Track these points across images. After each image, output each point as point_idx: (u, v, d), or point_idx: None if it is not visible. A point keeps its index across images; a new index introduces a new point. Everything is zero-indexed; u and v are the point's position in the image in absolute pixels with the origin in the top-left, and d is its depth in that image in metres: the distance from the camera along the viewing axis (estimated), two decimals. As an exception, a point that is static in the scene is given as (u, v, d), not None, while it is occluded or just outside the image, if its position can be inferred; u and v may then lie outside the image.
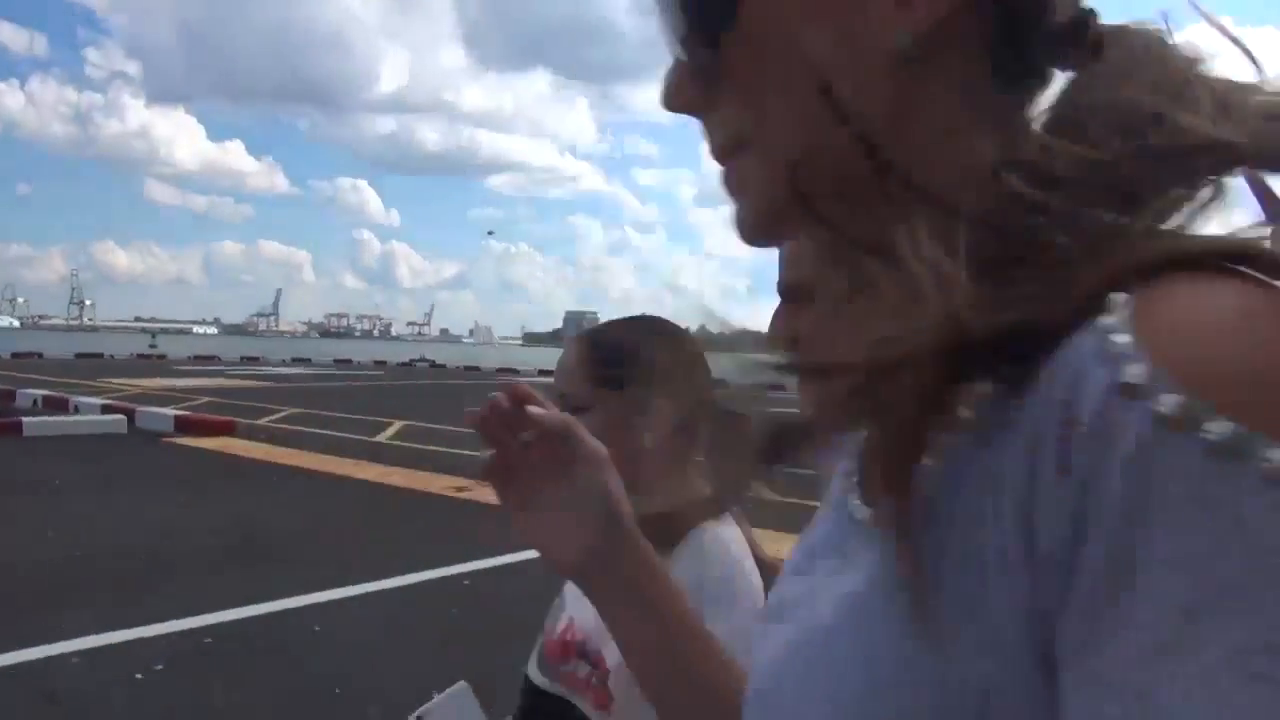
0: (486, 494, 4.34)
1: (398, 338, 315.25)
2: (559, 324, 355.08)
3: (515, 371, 40.71)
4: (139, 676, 3.86)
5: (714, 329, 0.57)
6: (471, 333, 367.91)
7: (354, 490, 8.61)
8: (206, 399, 18.01)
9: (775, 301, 1.13)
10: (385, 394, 23.18)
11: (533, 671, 1.20)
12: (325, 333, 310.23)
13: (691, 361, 1.18)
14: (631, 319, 1.31)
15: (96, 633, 4.30)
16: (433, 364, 46.39)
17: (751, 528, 1.25)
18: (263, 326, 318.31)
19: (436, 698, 1.21)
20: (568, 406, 1.10)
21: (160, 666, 3.97)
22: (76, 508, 7.32)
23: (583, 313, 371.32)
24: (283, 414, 15.89)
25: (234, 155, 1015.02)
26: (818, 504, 0.55)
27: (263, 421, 14.29)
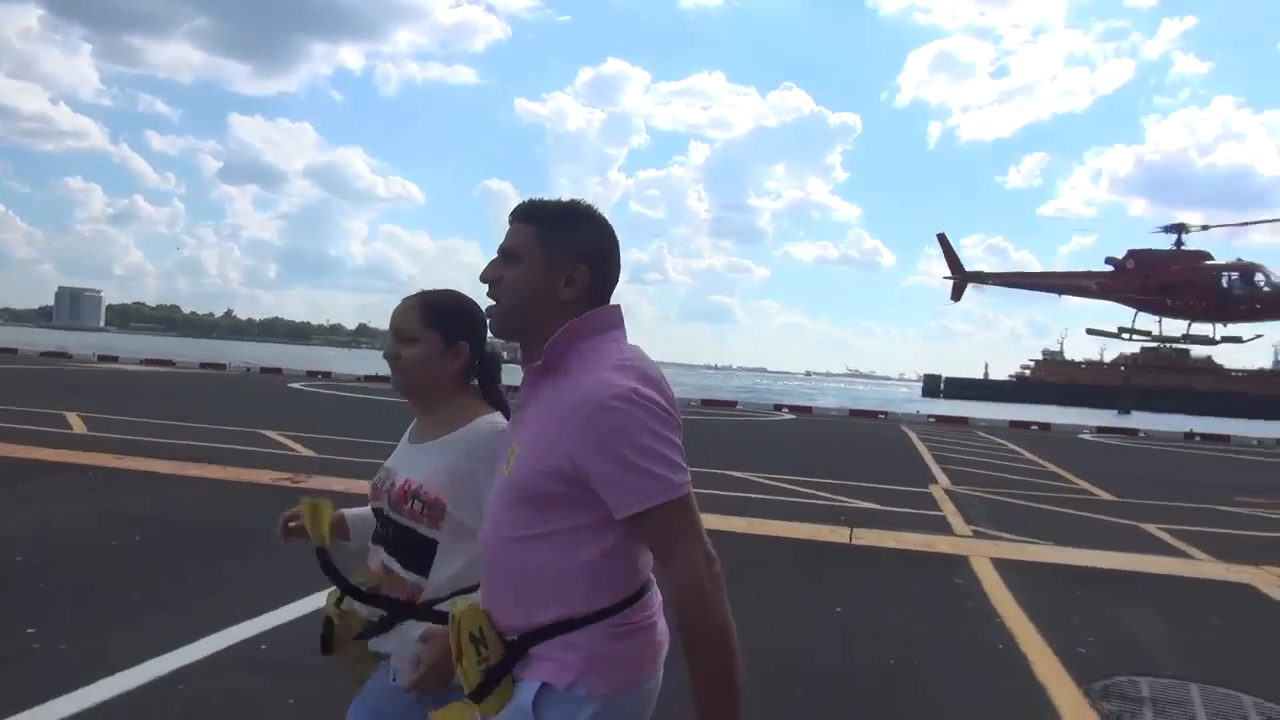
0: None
1: None
2: (49, 301, 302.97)
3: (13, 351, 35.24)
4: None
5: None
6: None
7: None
8: None
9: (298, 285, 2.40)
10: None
11: (380, 507, 1.92)
12: None
13: (479, 321, 1.92)
14: (448, 290, 1.97)
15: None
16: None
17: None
18: None
19: None
20: (401, 338, 1.90)
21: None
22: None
23: (81, 290, 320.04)
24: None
25: None
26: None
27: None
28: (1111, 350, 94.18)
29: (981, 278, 72.21)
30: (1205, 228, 67.58)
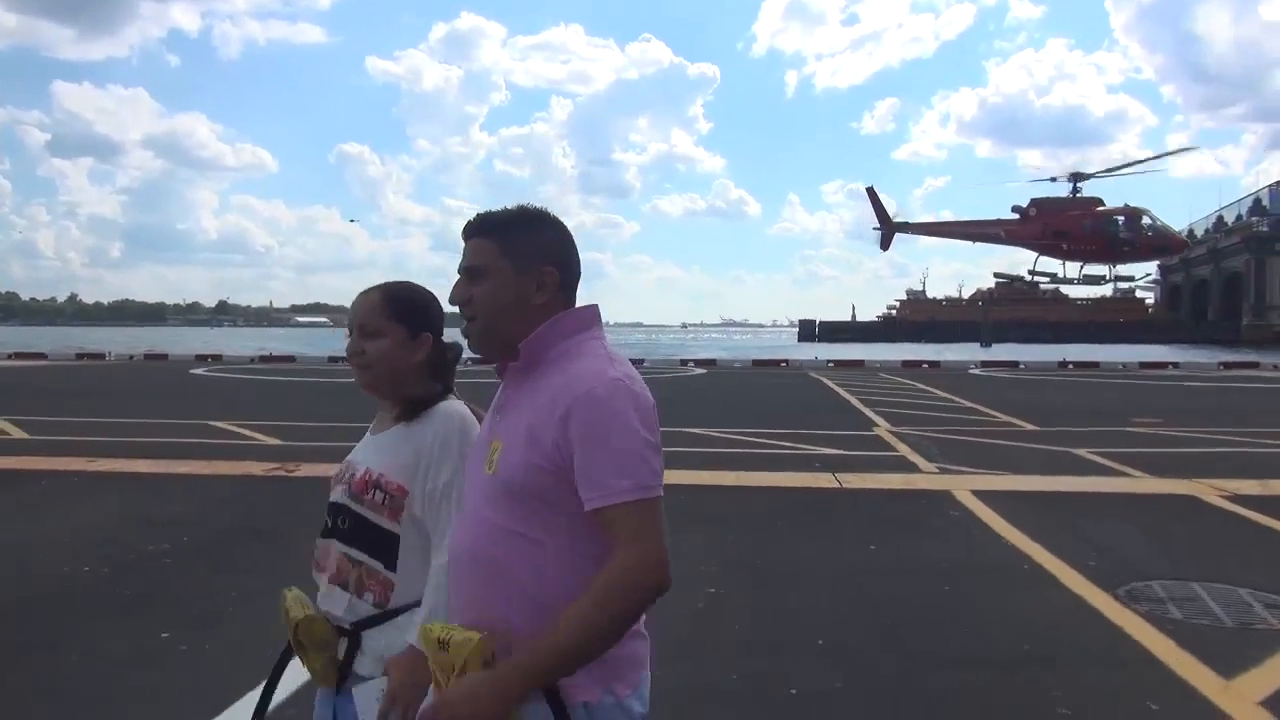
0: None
1: None
2: None
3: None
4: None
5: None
6: None
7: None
8: None
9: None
10: None
11: (338, 498, 1.89)
12: None
13: (439, 312, 1.94)
14: (407, 281, 1.98)
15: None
16: None
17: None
18: None
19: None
20: (365, 333, 1.88)
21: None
22: None
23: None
24: None
25: None
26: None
27: None
28: (969, 286, 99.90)
29: (906, 227, 75.80)
30: (1081, 176, 72.28)
